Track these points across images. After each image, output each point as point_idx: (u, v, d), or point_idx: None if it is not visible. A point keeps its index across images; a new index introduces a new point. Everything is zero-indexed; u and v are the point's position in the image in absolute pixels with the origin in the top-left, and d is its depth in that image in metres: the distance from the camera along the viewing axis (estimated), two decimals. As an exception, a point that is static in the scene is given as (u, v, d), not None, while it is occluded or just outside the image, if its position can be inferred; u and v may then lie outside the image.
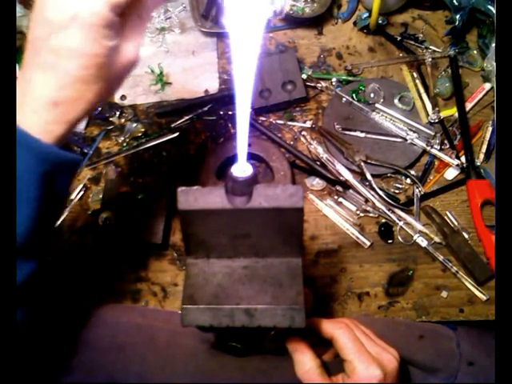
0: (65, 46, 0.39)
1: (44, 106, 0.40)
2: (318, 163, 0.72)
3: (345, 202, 0.70)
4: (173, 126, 0.77)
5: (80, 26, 0.38)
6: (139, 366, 0.59)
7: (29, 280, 0.43)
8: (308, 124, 0.75)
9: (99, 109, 0.78)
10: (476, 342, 0.63)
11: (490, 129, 0.73)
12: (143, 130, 0.77)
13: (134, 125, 0.77)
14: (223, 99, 0.77)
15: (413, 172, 0.71)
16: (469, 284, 0.65)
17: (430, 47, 0.79)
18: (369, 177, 0.70)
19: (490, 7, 0.73)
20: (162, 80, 0.79)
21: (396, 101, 0.75)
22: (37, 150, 0.40)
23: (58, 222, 0.71)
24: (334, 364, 0.50)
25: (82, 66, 0.39)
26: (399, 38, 0.80)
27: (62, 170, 0.43)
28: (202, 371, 0.59)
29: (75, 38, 0.38)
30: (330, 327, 0.48)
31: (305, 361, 0.47)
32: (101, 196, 0.71)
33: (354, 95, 0.76)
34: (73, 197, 0.73)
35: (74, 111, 0.41)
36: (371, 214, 0.69)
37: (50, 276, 0.67)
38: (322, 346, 0.50)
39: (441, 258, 0.66)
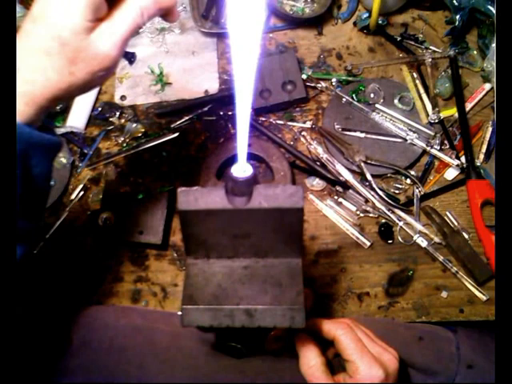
0: (45, 12, 0.40)
1: None
2: (318, 163, 0.72)
3: (345, 203, 0.70)
4: (173, 126, 0.77)
5: None
6: (139, 369, 0.59)
7: (18, 265, 0.43)
8: (308, 124, 0.75)
9: (99, 109, 0.78)
10: (476, 345, 0.63)
11: (490, 129, 0.73)
12: (143, 130, 0.77)
13: (134, 125, 0.77)
14: (223, 99, 0.77)
15: (413, 172, 0.71)
16: (469, 284, 0.65)
17: (430, 47, 0.79)
18: (369, 177, 0.70)
19: (489, 7, 0.73)
20: (161, 80, 0.80)
21: (396, 101, 0.75)
22: None
23: (58, 222, 0.71)
24: (333, 363, 0.50)
25: (49, 35, 0.40)
26: (399, 39, 0.80)
27: (36, 151, 0.42)
28: (202, 373, 0.59)
29: (54, 6, 0.40)
30: (332, 328, 0.48)
31: (310, 357, 0.47)
32: (101, 196, 0.71)
33: (353, 95, 0.76)
34: (73, 197, 0.73)
35: (32, 82, 0.41)
36: (371, 214, 0.69)
37: (49, 276, 0.67)
38: (321, 345, 0.50)
39: (441, 258, 0.66)
